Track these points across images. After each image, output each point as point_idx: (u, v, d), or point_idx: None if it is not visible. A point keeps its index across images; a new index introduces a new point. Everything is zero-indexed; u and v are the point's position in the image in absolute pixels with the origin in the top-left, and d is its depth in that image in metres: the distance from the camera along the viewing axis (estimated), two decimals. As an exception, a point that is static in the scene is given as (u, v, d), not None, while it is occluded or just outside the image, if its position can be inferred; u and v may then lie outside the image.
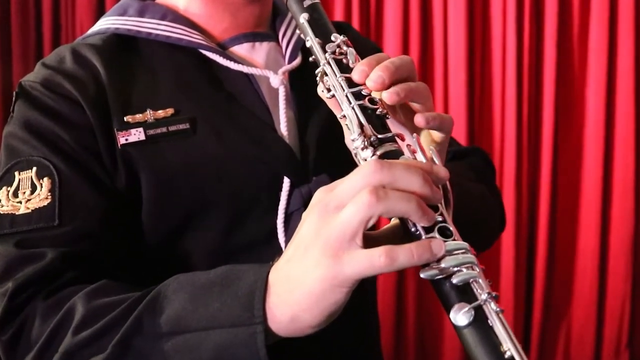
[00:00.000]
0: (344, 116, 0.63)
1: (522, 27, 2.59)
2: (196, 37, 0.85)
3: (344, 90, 0.64)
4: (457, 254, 0.53)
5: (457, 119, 2.52)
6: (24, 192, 0.74)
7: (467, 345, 0.51)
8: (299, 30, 0.73)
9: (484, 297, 0.51)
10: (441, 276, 0.52)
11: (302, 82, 0.88)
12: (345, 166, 0.62)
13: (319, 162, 0.85)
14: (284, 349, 0.59)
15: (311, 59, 0.71)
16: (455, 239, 0.54)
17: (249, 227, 0.81)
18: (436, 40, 2.65)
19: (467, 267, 0.52)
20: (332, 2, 2.70)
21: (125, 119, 0.78)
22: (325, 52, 0.68)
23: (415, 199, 0.52)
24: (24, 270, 0.69)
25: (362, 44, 0.87)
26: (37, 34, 2.90)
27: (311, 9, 0.72)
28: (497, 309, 0.51)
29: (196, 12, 0.88)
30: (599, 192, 2.59)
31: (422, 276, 0.53)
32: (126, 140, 0.77)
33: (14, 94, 0.81)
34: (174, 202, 0.78)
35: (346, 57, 0.68)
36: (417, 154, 0.59)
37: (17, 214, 0.72)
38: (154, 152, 0.78)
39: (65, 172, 0.74)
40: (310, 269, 0.52)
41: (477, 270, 0.53)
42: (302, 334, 0.56)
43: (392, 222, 0.59)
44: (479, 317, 0.51)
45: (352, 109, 0.62)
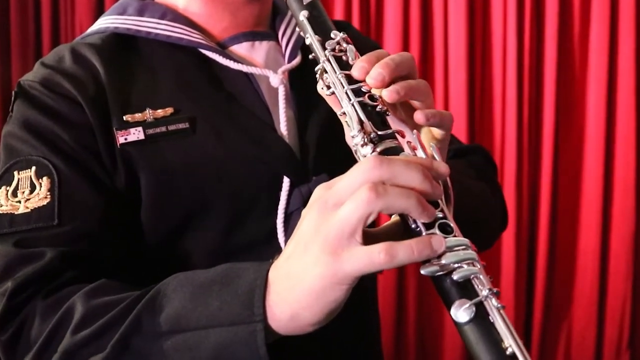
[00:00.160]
0: (344, 113, 0.63)
1: (523, 26, 2.59)
2: (196, 37, 0.85)
3: (344, 87, 0.64)
4: (458, 250, 0.52)
5: (457, 119, 2.51)
6: (23, 192, 0.73)
7: (468, 342, 0.51)
8: (298, 27, 0.73)
9: (485, 293, 0.51)
10: (442, 272, 0.52)
11: (301, 81, 0.87)
12: (345, 165, 0.61)
13: (319, 162, 0.85)
14: (284, 347, 0.59)
15: (311, 57, 0.70)
16: (455, 235, 0.53)
17: (248, 227, 0.81)
18: (436, 40, 2.65)
19: (467, 264, 0.52)
20: (332, 2, 2.70)
21: (124, 118, 0.78)
22: (324, 49, 0.67)
23: (415, 195, 0.52)
24: (24, 269, 0.69)
25: (363, 43, 0.86)
26: (36, 33, 2.90)
27: (311, 7, 0.72)
28: (499, 305, 0.51)
29: (196, 11, 0.87)
30: (600, 191, 2.59)
31: (422, 272, 0.52)
32: (125, 139, 0.77)
33: (13, 93, 0.81)
34: (173, 201, 0.78)
35: (346, 54, 0.67)
36: (418, 151, 0.59)
37: (16, 213, 0.72)
38: (154, 152, 0.78)
39: (64, 172, 0.74)
40: (309, 266, 0.52)
41: (478, 266, 0.52)
42: (302, 332, 0.56)
43: (393, 219, 0.59)
44: (480, 314, 0.50)
45: (352, 105, 0.62)
